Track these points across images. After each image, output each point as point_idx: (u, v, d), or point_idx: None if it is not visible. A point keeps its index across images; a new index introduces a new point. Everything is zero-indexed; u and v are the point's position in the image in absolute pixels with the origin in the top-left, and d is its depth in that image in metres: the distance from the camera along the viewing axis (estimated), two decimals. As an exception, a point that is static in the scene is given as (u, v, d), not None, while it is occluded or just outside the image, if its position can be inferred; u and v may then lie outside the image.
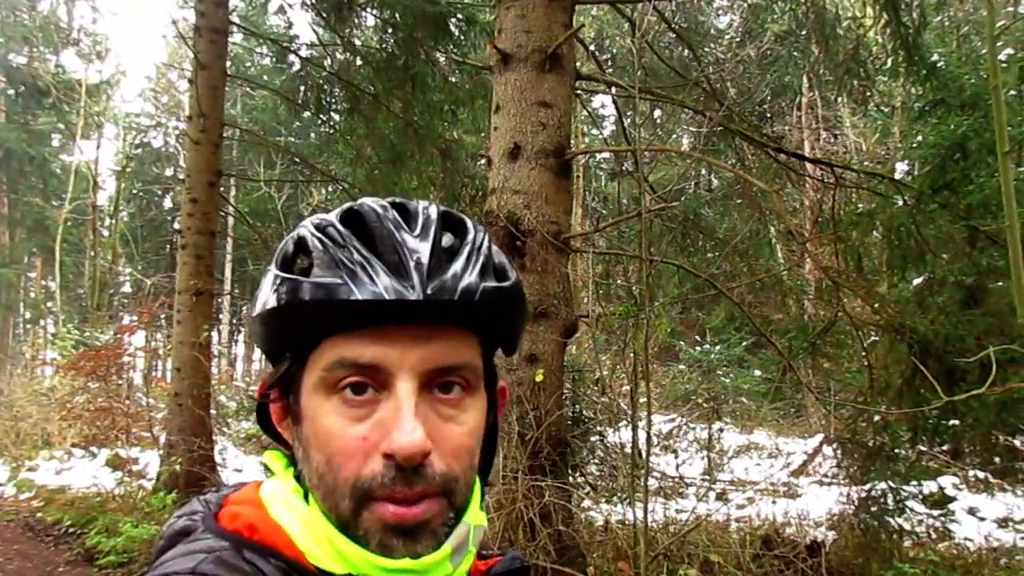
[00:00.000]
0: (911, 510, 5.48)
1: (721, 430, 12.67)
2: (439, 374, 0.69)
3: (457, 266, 0.69)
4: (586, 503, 7.04)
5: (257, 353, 32.67)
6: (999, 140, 2.32)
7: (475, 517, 0.73)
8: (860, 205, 7.44)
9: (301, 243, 0.72)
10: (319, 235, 0.70)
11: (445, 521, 0.69)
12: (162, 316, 20.53)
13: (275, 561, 0.66)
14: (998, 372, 2.95)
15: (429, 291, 0.66)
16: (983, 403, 4.54)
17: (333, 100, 11.28)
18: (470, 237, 0.72)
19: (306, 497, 0.71)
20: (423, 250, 0.68)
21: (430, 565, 0.67)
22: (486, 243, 0.73)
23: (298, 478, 0.74)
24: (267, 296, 0.71)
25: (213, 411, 11.17)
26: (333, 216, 0.72)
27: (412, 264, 0.67)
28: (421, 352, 0.68)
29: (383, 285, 0.66)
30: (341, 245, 0.69)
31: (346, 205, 0.73)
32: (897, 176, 12.37)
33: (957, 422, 6.45)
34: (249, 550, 0.67)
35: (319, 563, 0.67)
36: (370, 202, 0.72)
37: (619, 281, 8.93)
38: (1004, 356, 3.04)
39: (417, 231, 0.70)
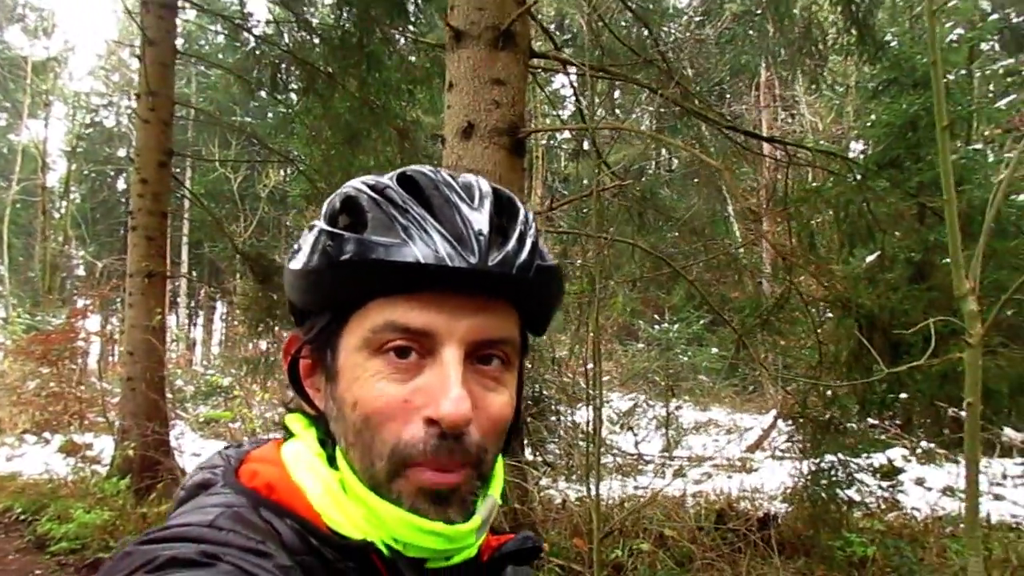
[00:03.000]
0: (860, 482, 5.61)
1: (679, 407, 12.84)
2: (483, 346, 0.70)
3: (512, 242, 0.69)
4: (544, 481, 7.10)
5: (216, 337, 32.23)
6: (937, 116, 2.36)
7: (496, 490, 0.74)
8: (815, 183, 7.55)
9: (350, 202, 0.71)
10: (376, 195, 0.70)
11: (473, 490, 0.69)
12: (117, 299, 20.16)
13: (290, 522, 0.67)
14: (940, 345, 3.01)
15: (490, 262, 0.66)
16: (926, 375, 4.66)
17: (289, 79, 11.10)
18: (521, 216, 0.73)
19: (331, 461, 0.72)
20: (482, 221, 0.68)
21: (462, 533, 0.68)
22: (533, 224, 0.74)
23: (322, 442, 0.74)
24: (315, 250, 0.70)
25: (169, 395, 11.03)
26: (388, 179, 0.72)
27: (473, 233, 0.67)
28: (471, 322, 0.68)
29: (444, 251, 0.66)
30: (400, 207, 0.68)
31: (398, 171, 0.73)
32: (852, 155, 12.55)
33: (905, 395, 6.60)
34: (266, 508, 0.67)
35: (337, 527, 0.68)
36: (424, 169, 0.73)
37: (577, 261, 8.97)
38: (945, 329, 3.10)
39: (475, 203, 0.70)
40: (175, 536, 0.61)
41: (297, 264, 0.73)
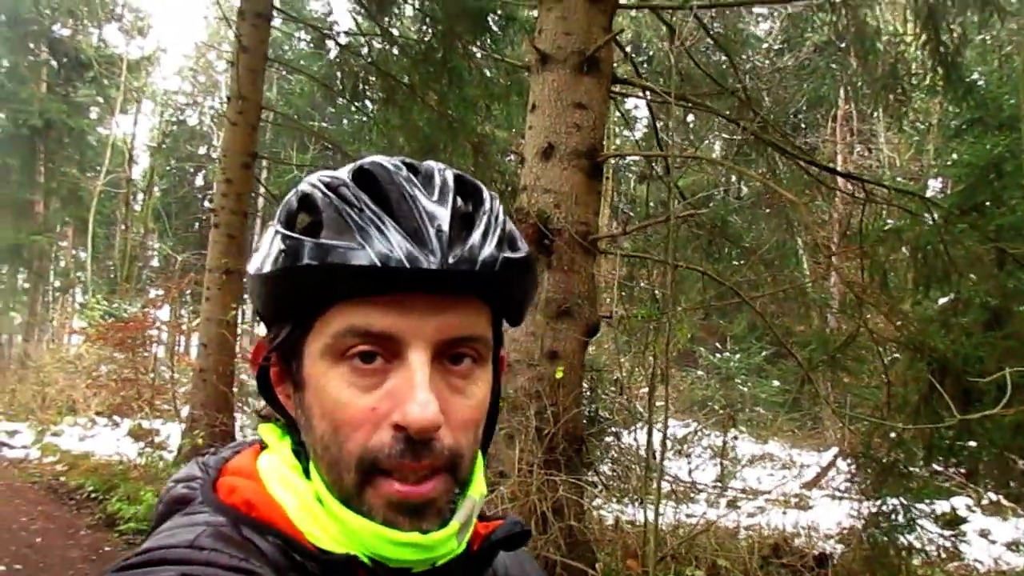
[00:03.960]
0: (922, 528, 5.50)
1: (736, 438, 12.68)
2: (451, 345, 0.67)
3: (476, 235, 0.66)
4: (598, 501, 7.12)
5: (279, 334, 32.92)
6: (1027, 168, 2.37)
7: (478, 489, 0.72)
8: (890, 221, 7.43)
9: (306, 200, 0.69)
10: (330, 194, 0.67)
11: (451, 498, 0.67)
12: (187, 292, 20.84)
13: (272, 539, 0.65)
14: (1015, 395, 2.98)
15: (450, 260, 0.63)
16: (998, 425, 4.57)
17: (369, 89, 11.42)
18: (486, 205, 0.69)
19: (306, 472, 0.70)
20: (442, 216, 0.65)
21: (438, 542, 0.66)
22: (501, 212, 0.70)
23: (296, 452, 0.72)
24: (272, 255, 0.67)
25: (236, 388, 11.36)
26: (344, 174, 0.69)
27: (432, 231, 0.64)
28: (436, 322, 0.65)
29: (401, 251, 0.62)
30: (356, 206, 0.65)
31: (356, 163, 0.70)
32: (930, 194, 12.29)
33: (974, 443, 6.44)
34: (247, 526, 0.65)
35: (318, 541, 0.66)
36: (382, 160, 0.69)
37: (643, 284, 8.98)
38: (1022, 379, 3.07)
39: (435, 196, 0.67)
40: (158, 559, 0.60)
41: (255, 268, 0.70)
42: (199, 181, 33.62)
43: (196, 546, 0.61)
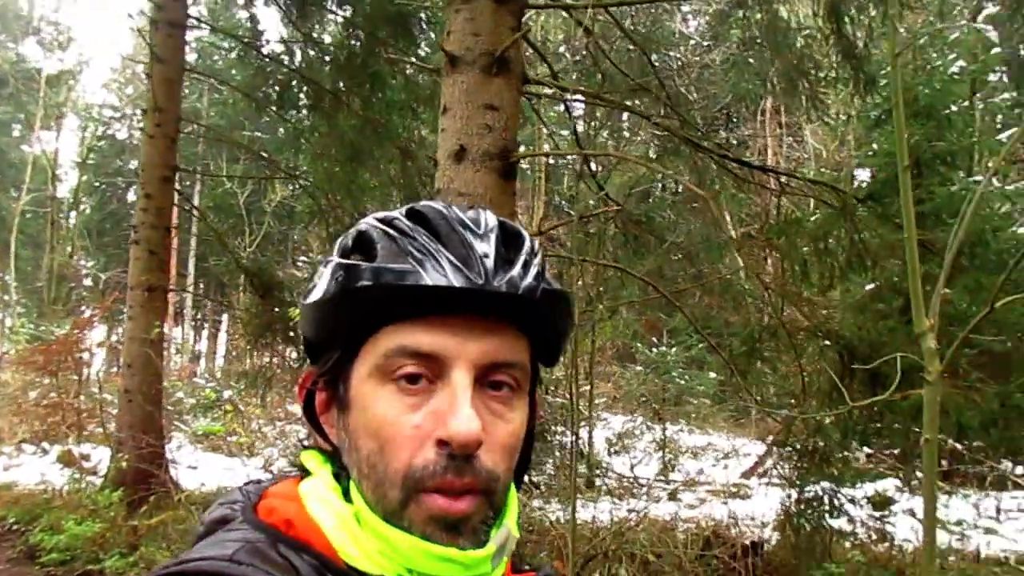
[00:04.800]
0: (846, 514, 5.60)
1: (680, 431, 12.81)
2: (493, 370, 0.71)
3: (518, 267, 0.71)
4: (537, 502, 7.11)
5: (220, 350, 32.31)
6: (899, 156, 2.41)
7: (512, 521, 0.74)
8: (817, 212, 7.56)
9: (362, 237, 0.74)
10: (385, 227, 0.73)
11: (484, 519, 0.70)
12: (123, 311, 20.28)
13: (308, 558, 0.67)
14: (915, 379, 3.03)
15: (495, 284, 0.68)
16: (899, 408, 4.67)
17: (296, 96, 11.23)
18: (527, 246, 0.74)
19: (345, 495, 0.72)
20: (488, 249, 0.70)
21: (475, 560, 0.68)
22: (539, 253, 0.75)
23: (336, 476, 0.75)
24: (329, 282, 0.72)
25: (169, 408, 11.07)
26: (397, 213, 0.75)
27: (479, 258, 0.69)
28: (480, 345, 0.69)
29: (452, 274, 0.68)
30: (409, 236, 0.71)
31: (407, 206, 0.76)
32: (857, 183, 12.58)
33: (897, 426, 6.59)
34: (284, 545, 0.68)
35: (353, 561, 0.68)
36: (432, 203, 0.75)
37: (578, 283, 9.01)
38: (918, 363, 3.13)
39: (480, 231, 0.72)
40: (194, 570, 0.62)
41: (312, 298, 0.74)
42: (131, 196, 32.75)
43: (234, 560, 0.63)
